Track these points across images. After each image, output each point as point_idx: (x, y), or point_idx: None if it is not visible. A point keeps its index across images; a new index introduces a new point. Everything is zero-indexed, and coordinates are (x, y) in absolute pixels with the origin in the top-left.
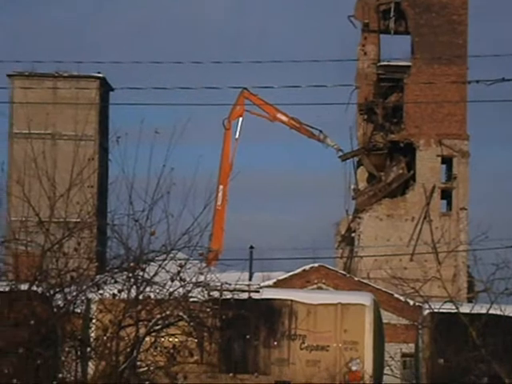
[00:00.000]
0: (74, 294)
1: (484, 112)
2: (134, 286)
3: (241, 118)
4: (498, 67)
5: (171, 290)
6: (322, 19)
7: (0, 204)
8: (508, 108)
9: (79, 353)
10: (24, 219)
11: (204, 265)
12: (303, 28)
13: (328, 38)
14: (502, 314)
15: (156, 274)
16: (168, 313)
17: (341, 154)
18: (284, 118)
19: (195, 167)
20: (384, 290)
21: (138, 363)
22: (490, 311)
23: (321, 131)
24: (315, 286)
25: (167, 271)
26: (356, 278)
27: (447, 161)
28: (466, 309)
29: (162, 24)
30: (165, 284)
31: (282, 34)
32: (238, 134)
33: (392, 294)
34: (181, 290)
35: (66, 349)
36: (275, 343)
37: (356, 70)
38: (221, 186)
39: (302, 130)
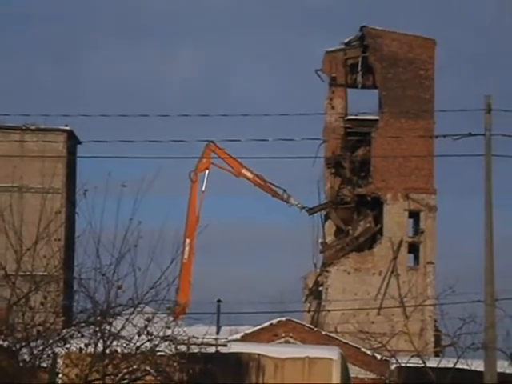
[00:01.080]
0: (41, 348)
1: (451, 166)
2: (101, 340)
3: (207, 171)
4: (464, 122)
5: (138, 344)
6: (289, 73)
7: None
8: (475, 162)
9: None
10: None
11: (171, 319)
12: (271, 81)
13: (295, 91)
14: (468, 368)
15: (123, 328)
16: (135, 367)
17: (304, 211)
18: (249, 175)
19: (163, 220)
20: (351, 344)
21: None
22: (457, 365)
23: (284, 190)
24: (283, 340)
25: (134, 325)
26: (323, 332)
27: (414, 215)
28: (432, 363)
29: (130, 77)
30: (132, 338)
31: (250, 87)
32: (204, 186)
33: (359, 348)
34: (148, 344)
35: None
36: None
37: (323, 124)
38: (187, 240)
39: (265, 187)
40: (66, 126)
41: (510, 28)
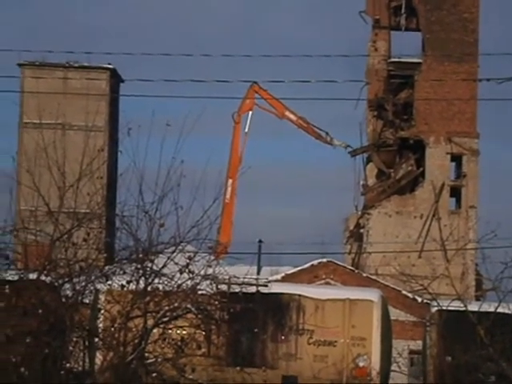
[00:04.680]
0: (83, 284)
1: (494, 110)
2: (143, 278)
3: (250, 112)
4: (508, 65)
5: (180, 282)
6: (333, 14)
7: (10, 193)
8: None
9: (87, 343)
10: (34, 209)
11: (212, 258)
12: (314, 23)
13: (339, 33)
14: (510, 312)
15: (165, 265)
16: (176, 305)
17: (350, 149)
18: (292, 117)
19: (206, 160)
20: (392, 286)
21: (146, 354)
22: (498, 310)
23: (327, 133)
24: (323, 282)
25: (176, 263)
26: (364, 274)
27: (457, 158)
28: (474, 307)
29: (174, 16)
30: (173, 276)
31: (293, 28)
32: (247, 128)
33: (400, 291)
34: (189, 282)
35: (74, 339)
36: (283, 337)
37: (366, 66)
38: (230, 180)
39: (309, 130)
40: (109, 64)
41: None
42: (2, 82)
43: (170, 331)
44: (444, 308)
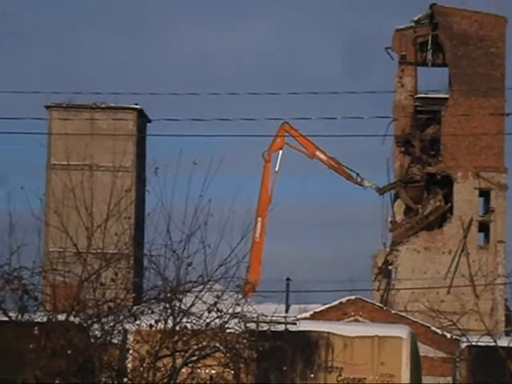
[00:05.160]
0: (111, 324)
1: None
2: (171, 317)
3: (281, 151)
4: None
5: (208, 320)
6: (359, 51)
7: (38, 234)
8: None
9: (116, 383)
10: (62, 250)
11: (241, 296)
12: (340, 59)
13: (365, 69)
14: None
15: (193, 304)
16: (205, 344)
17: (374, 190)
18: (323, 157)
19: (233, 198)
20: (421, 322)
21: None
22: None
23: (358, 174)
24: (352, 319)
25: (204, 302)
26: (393, 311)
27: (485, 193)
28: (503, 342)
29: (199, 55)
30: (201, 315)
31: (320, 65)
32: (277, 166)
33: (429, 327)
34: (217, 321)
35: (103, 379)
36: (312, 375)
37: (393, 102)
38: (259, 218)
39: (340, 170)
40: (136, 104)
41: None
42: (29, 123)
43: (198, 370)
44: (473, 344)
